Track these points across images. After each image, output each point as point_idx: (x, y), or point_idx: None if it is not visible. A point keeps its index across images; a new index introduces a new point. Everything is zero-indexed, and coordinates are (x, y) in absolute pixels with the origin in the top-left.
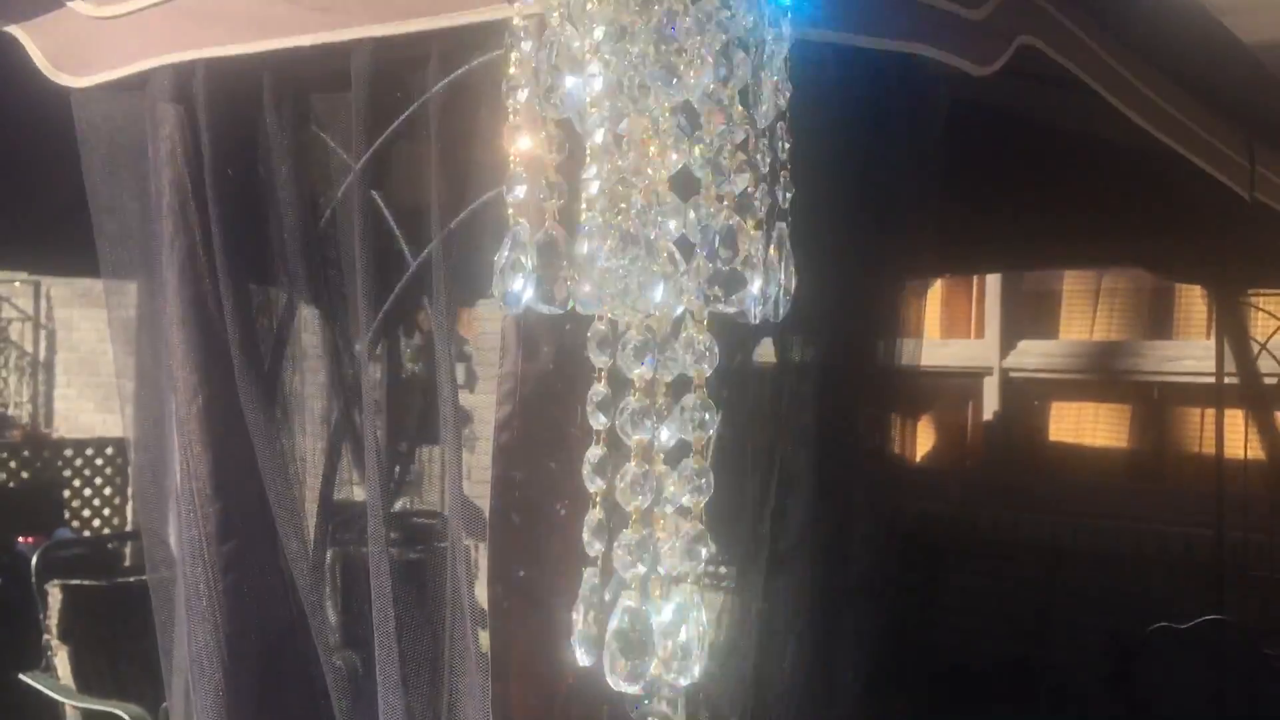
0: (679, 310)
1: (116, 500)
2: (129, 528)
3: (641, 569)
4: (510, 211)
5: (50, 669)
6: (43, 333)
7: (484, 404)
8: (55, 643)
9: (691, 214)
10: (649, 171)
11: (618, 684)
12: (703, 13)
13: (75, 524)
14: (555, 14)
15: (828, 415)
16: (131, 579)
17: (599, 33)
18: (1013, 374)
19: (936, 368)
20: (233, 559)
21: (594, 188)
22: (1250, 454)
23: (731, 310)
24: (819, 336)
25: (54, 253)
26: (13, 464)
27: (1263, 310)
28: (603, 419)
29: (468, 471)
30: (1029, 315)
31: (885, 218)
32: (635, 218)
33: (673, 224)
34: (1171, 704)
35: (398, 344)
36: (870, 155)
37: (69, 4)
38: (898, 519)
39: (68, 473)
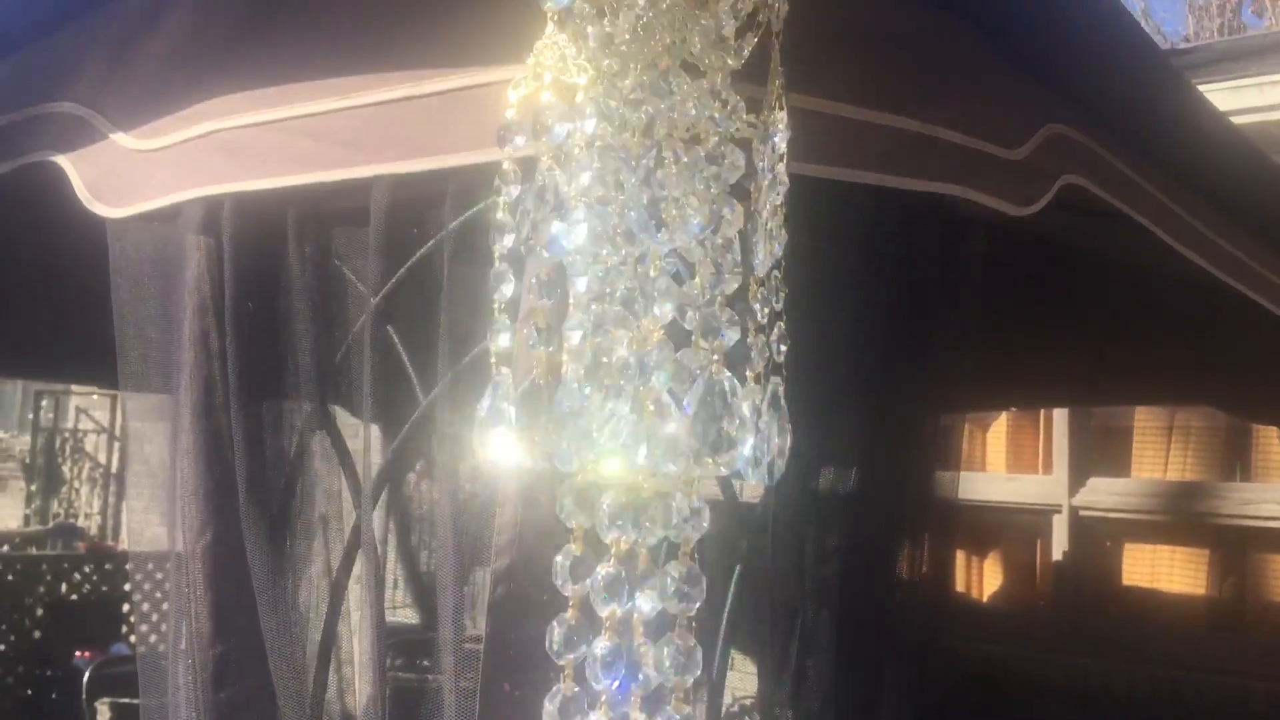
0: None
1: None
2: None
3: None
4: (493, 361)
5: None
6: (116, 445)
7: None
8: None
9: (683, 366)
10: (636, 323)
11: None
12: (693, 162)
13: (133, 639)
14: (545, 158)
15: (856, 562)
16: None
17: (586, 178)
18: (1083, 512)
19: (1003, 503)
20: (227, 710)
21: (576, 338)
22: None
23: (722, 474)
24: (846, 472)
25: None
26: (76, 576)
27: None
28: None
29: None
30: (1098, 452)
31: (915, 354)
32: (619, 371)
33: (661, 376)
34: None
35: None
36: (899, 294)
37: (111, 136)
38: (949, 659)
39: (128, 586)
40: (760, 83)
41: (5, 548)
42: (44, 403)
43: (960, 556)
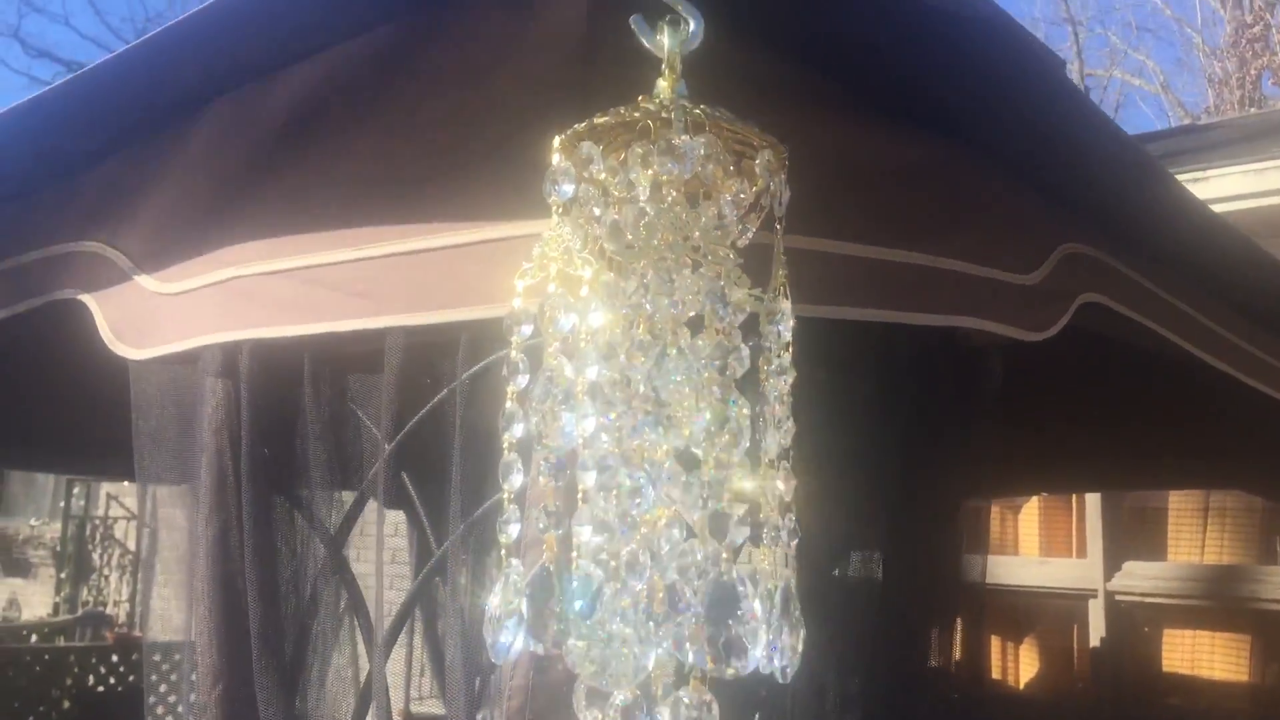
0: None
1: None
2: None
3: None
4: (503, 552)
5: None
6: (146, 531)
7: None
8: None
9: (692, 557)
10: (644, 521)
11: None
12: (699, 354)
13: None
14: (552, 348)
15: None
16: None
17: (593, 372)
18: (1119, 597)
19: (1037, 588)
20: None
21: (586, 533)
22: None
23: (729, 675)
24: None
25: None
26: (102, 669)
27: None
28: None
29: None
30: (1133, 534)
31: (933, 457)
32: (628, 569)
33: (670, 570)
34: None
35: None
36: (919, 412)
37: (135, 278)
38: None
39: (154, 677)
40: (767, 229)
41: (34, 638)
42: (75, 490)
43: (995, 642)
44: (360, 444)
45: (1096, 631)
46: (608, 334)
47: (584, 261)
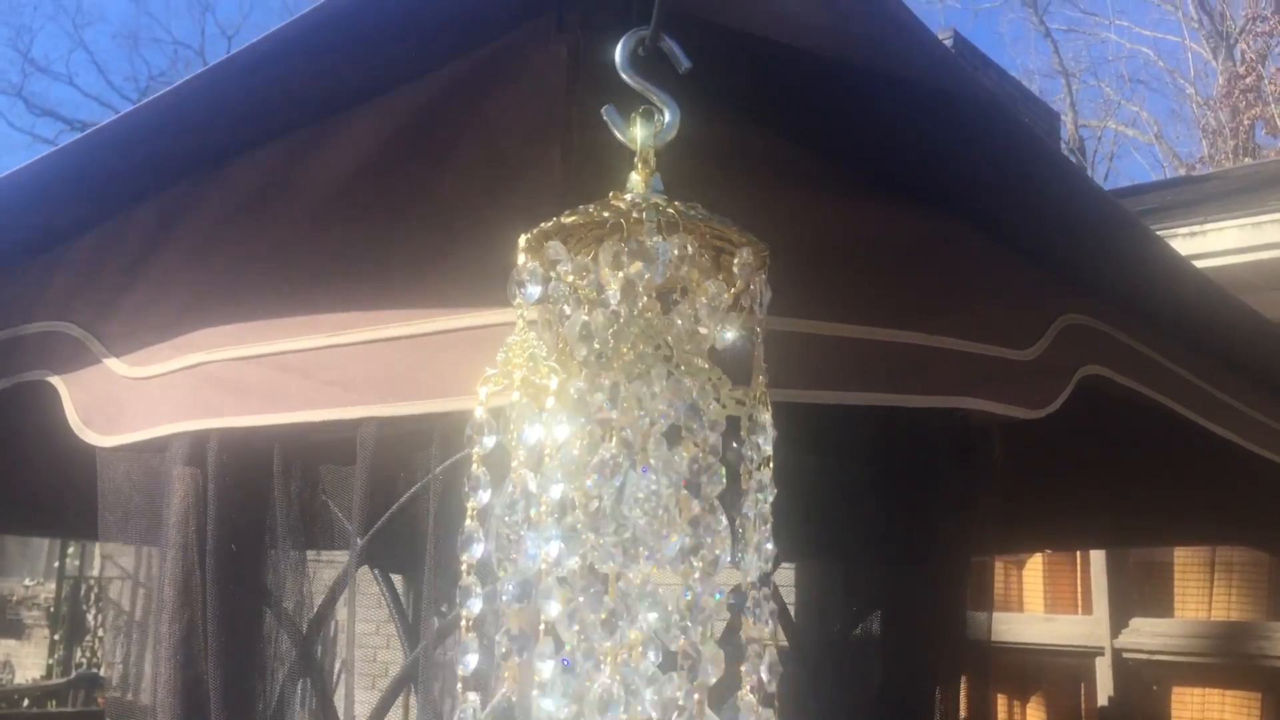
0: None
1: None
2: None
3: None
4: (459, 686)
5: None
6: (140, 592)
7: None
8: None
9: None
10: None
11: None
12: (672, 474)
13: None
14: (516, 461)
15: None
16: None
17: (557, 491)
18: (1126, 654)
19: (1043, 645)
20: None
21: (547, 669)
22: None
23: None
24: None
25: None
26: None
27: None
28: None
29: None
30: (1139, 590)
31: (937, 526)
32: (597, 708)
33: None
34: None
35: None
36: (917, 489)
37: (105, 361)
38: None
39: None
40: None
41: (26, 701)
42: (70, 550)
43: (1001, 701)
44: (333, 537)
45: (1104, 690)
46: (574, 449)
47: (550, 370)
